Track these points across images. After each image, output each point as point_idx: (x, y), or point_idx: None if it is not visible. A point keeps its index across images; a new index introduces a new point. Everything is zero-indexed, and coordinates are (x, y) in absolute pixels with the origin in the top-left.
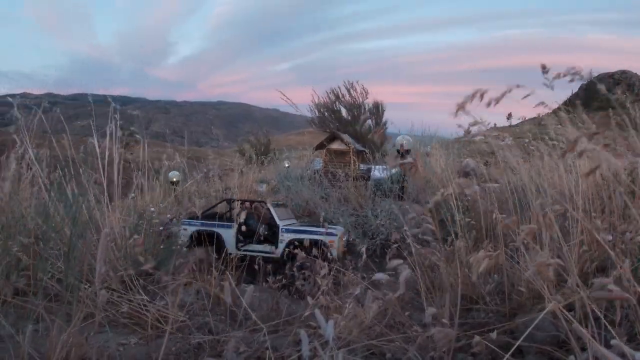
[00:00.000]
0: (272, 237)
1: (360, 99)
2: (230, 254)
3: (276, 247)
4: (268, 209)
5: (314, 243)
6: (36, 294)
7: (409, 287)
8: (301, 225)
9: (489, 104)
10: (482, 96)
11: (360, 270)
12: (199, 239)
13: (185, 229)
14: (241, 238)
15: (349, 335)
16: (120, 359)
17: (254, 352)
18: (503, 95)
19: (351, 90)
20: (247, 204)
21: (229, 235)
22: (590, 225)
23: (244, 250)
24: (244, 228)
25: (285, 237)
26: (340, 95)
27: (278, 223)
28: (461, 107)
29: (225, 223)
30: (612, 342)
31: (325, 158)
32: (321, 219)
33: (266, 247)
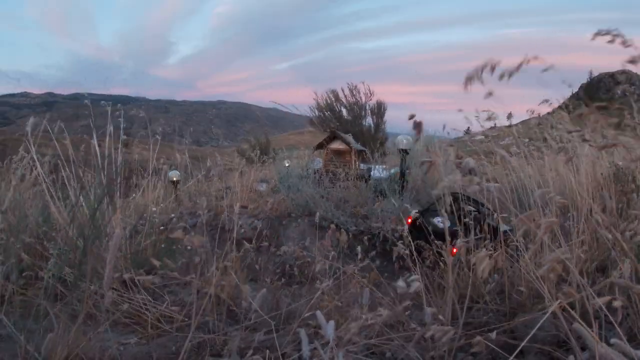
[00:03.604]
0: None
1: (364, 99)
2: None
3: None
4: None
5: None
6: (38, 293)
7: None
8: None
9: (501, 77)
10: (493, 68)
11: (359, 270)
12: None
13: None
14: None
15: (349, 334)
16: (121, 359)
17: (254, 352)
18: (519, 66)
19: (354, 91)
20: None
21: None
22: (597, 218)
23: None
24: None
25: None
26: (343, 97)
27: (501, 228)
28: (470, 80)
29: None
30: (612, 340)
31: (325, 158)
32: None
33: None
